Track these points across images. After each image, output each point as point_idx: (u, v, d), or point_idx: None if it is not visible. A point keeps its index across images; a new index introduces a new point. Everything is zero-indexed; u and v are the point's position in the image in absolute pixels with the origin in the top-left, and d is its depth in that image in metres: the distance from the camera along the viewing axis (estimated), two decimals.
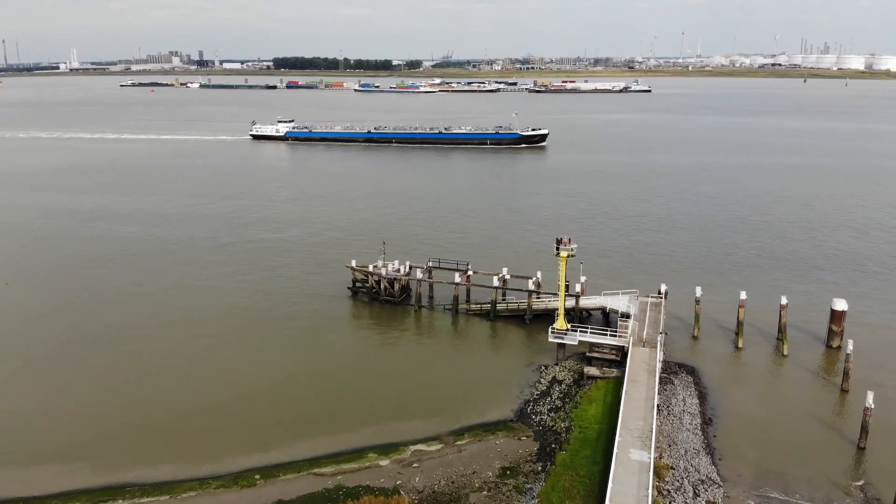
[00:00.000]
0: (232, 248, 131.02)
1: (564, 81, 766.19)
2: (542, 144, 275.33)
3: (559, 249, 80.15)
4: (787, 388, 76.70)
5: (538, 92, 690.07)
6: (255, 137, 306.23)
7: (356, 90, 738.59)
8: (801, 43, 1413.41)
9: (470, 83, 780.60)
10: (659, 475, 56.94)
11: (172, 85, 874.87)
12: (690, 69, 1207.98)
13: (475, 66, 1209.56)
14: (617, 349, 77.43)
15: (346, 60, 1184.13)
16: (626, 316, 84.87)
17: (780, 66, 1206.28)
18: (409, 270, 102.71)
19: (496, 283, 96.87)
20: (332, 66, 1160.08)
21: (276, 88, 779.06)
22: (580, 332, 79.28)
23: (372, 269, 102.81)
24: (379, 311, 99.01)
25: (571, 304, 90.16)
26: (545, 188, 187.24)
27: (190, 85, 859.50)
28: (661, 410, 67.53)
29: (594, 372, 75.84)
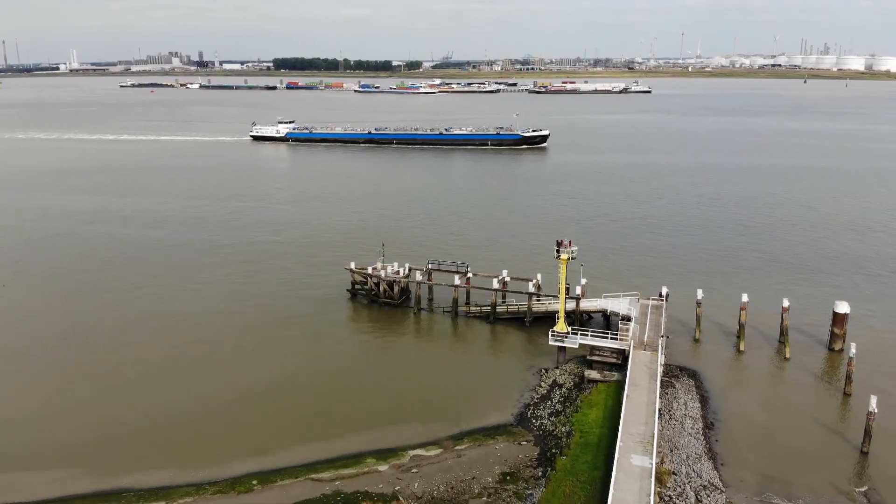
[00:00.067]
0: (230, 249, 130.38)
1: (564, 82, 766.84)
2: (542, 145, 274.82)
3: (559, 252, 79.56)
4: (789, 391, 76.14)
5: (538, 93, 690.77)
6: (255, 138, 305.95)
7: (356, 91, 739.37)
8: (801, 43, 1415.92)
9: (470, 84, 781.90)
10: (661, 481, 56.35)
11: (172, 86, 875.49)
12: (690, 70, 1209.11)
13: (475, 66, 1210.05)
14: (618, 352, 76.79)
15: (345, 61, 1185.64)
16: (626, 319, 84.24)
17: (779, 66, 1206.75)
18: (408, 272, 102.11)
19: (496, 285, 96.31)
20: (331, 66, 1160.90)
21: (275, 89, 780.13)
22: (581, 335, 78.61)
23: (371, 270, 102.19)
24: (378, 313, 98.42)
25: (572, 306, 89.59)
26: (546, 189, 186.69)
27: (190, 86, 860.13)
28: (662, 415, 66.93)
29: (595, 375, 75.24)
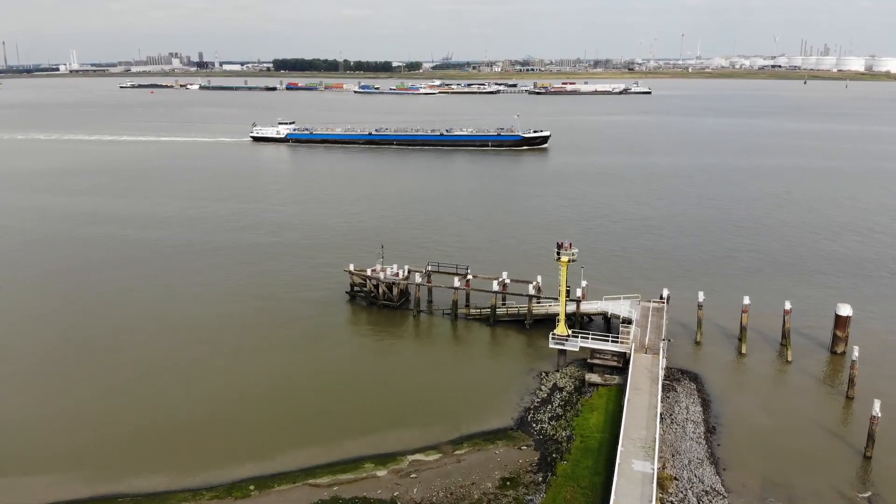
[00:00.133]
0: (229, 251, 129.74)
1: (564, 83, 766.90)
2: (543, 146, 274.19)
3: (560, 254, 78.99)
4: (791, 395, 75.55)
5: (538, 94, 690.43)
6: (255, 139, 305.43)
7: (356, 92, 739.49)
8: (800, 44, 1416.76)
9: (470, 85, 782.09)
10: (662, 486, 55.75)
11: (172, 86, 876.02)
12: (690, 71, 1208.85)
13: (475, 67, 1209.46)
14: (619, 355, 76.20)
15: (345, 62, 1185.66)
16: (627, 321, 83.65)
17: (779, 67, 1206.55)
18: (407, 274, 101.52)
19: (496, 287, 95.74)
20: (331, 67, 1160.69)
21: (275, 90, 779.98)
22: (581, 338, 77.98)
23: (370, 272, 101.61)
24: (377, 315, 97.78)
25: (572, 308, 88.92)
26: (546, 191, 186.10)
27: (189, 86, 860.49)
28: (663, 419, 66.33)
29: (596, 379, 74.64)
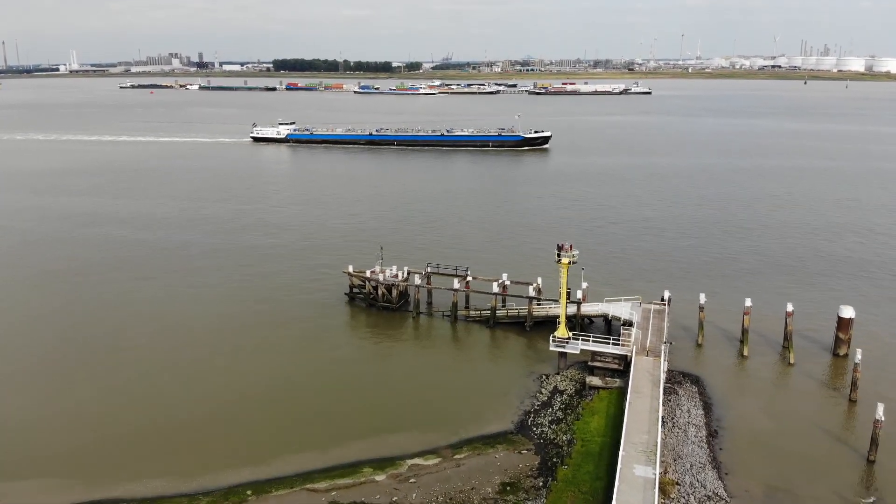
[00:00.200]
0: (228, 252, 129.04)
1: (564, 83, 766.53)
2: (544, 147, 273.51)
3: (560, 256, 78.33)
4: (793, 398, 74.89)
5: (538, 94, 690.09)
6: (255, 140, 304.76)
7: (356, 92, 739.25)
8: (800, 44, 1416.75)
9: (469, 85, 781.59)
10: (664, 491, 55.08)
11: (172, 87, 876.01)
12: (690, 71, 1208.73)
13: (475, 67, 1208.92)
14: (620, 358, 75.62)
15: (345, 62, 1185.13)
16: (628, 324, 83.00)
17: (779, 67, 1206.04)
18: (407, 276, 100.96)
19: (496, 289, 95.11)
20: (331, 67, 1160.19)
21: (275, 90, 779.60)
22: (582, 340, 77.39)
23: (369, 274, 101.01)
24: (376, 317, 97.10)
25: (573, 310, 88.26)
26: (547, 191, 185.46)
27: (189, 87, 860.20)
28: (665, 422, 65.68)
29: (596, 382, 74.03)
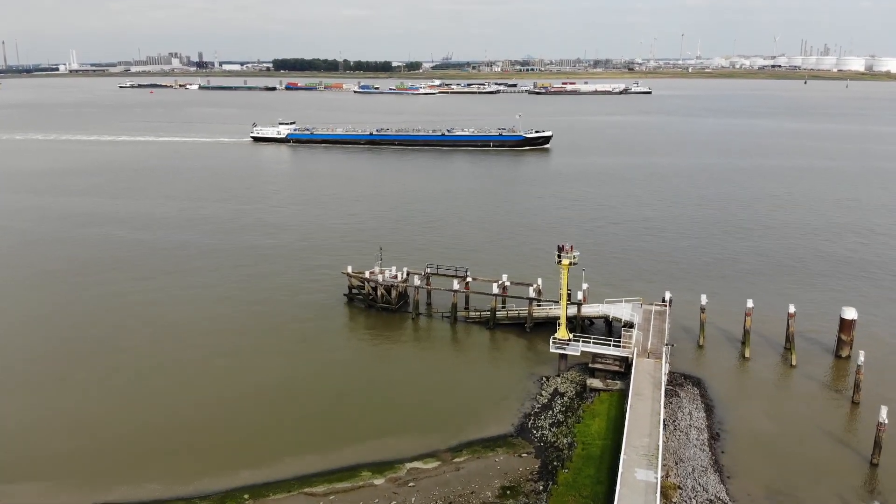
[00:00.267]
0: (226, 252, 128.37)
1: (564, 83, 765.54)
2: (545, 147, 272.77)
3: (561, 257, 77.67)
4: (795, 400, 74.25)
5: (538, 93, 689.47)
6: (255, 139, 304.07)
7: (355, 92, 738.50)
8: (801, 44, 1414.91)
9: (469, 85, 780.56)
10: (666, 496, 54.50)
11: (171, 86, 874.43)
12: (690, 70, 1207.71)
13: (475, 67, 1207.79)
14: (621, 360, 75.01)
15: (345, 62, 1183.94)
16: (629, 325, 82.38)
17: (779, 67, 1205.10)
18: (406, 277, 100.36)
19: (496, 290, 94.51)
20: (331, 67, 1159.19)
21: (275, 90, 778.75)
22: (583, 342, 76.78)
23: (368, 275, 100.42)
24: (375, 318, 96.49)
25: (573, 312, 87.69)
26: (547, 191, 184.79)
27: (189, 86, 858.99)
28: (666, 425, 65.07)
29: (597, 384, 73.43)
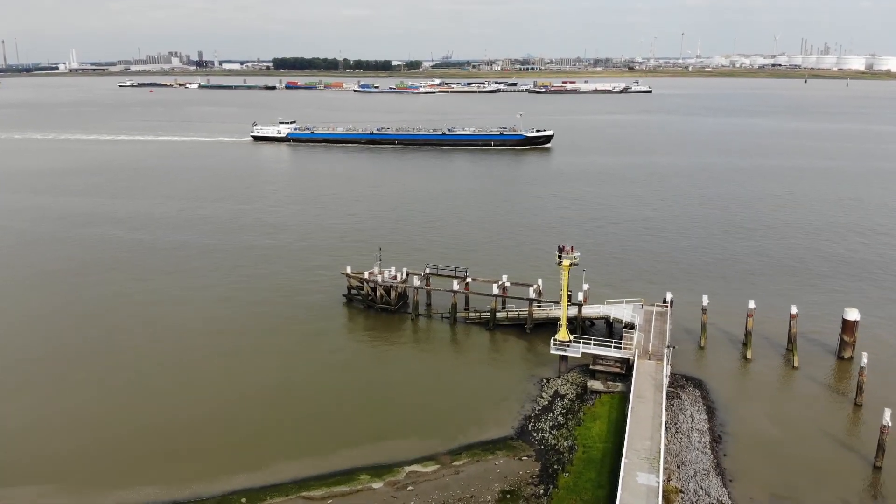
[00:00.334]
0: (225, 253, 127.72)
1: (564, 82, 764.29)
2: (547, 146, 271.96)
3: (561, 258, 77.05)
4: (798, 402, 73.68)
5: (538, 92, 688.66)
6: (256, 139, 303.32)
7: (355, 91, 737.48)
8: (801, 43, 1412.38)
9: (470, 84, 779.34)
10: (668, 500, 53.88)
11: (171, 85, 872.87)
12: (690, 70, 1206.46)
13: (475, 66, 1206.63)
14: (622, 362, 74.42)
15: (345, 61, 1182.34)
16: (630, 326, 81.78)
17: (780, 66, 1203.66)
18: (405, 277, 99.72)
19: (496, 290, 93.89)
20: (331, 66, 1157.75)
21: (275, 89, 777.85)
22: (583, 343, 76.20)
23: (367, 275, 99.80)
24: (374, 319, 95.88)
25: (574, 313, 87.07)
26: (548, 191, 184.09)
27: (189, 85, 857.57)
28: (668, 428, 64.46)
29: (598, 386, 72.81)
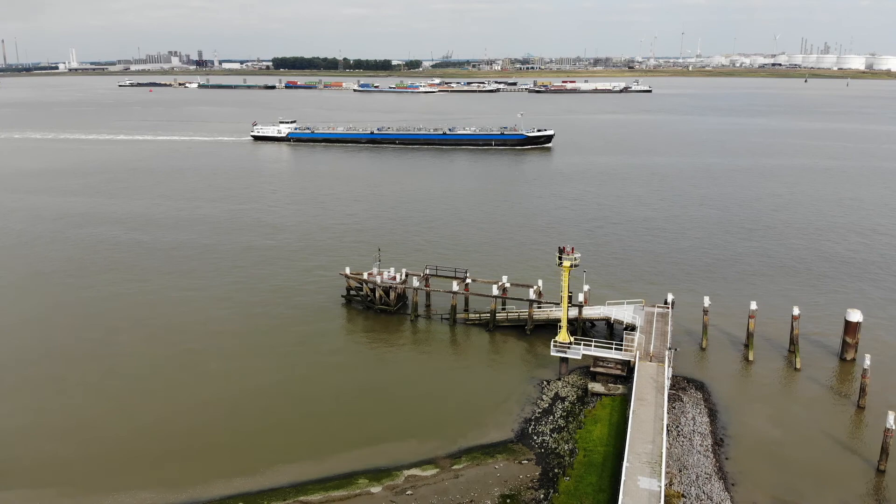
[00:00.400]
0: (223, 253, 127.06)
1: (564, 81, 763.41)
2: (547, 146, 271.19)
3: (562, 259, 76.38)
4: (800, 404, 73.09)
5: (538, 92, 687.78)
6: (256, 138, 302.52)
7: (355, 90, 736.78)
8: (801, 43, 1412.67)
9: (469, 83, 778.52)
10: None
11: (171, 85, 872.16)
12: (690, 69, 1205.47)
13: (475, 66, 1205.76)
14: (623, 364, 73.80)
15: (345, 60, 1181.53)
16: (631, 328, 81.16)
17: (780, 66, 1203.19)
18: (405, 278, 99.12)
19: (496, 291, 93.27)
20: (331, 66, 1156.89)
21: (274, 88, 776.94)
22: (584, 345, 75.58)
23: (367, 276, 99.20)
24: (374, 320, 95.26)
25: (574, 314, 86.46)
26: (548, 191, 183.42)
27: (188, 85, 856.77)
28: (670, 431, 63.84)
29: (599, 388, 72.18)
